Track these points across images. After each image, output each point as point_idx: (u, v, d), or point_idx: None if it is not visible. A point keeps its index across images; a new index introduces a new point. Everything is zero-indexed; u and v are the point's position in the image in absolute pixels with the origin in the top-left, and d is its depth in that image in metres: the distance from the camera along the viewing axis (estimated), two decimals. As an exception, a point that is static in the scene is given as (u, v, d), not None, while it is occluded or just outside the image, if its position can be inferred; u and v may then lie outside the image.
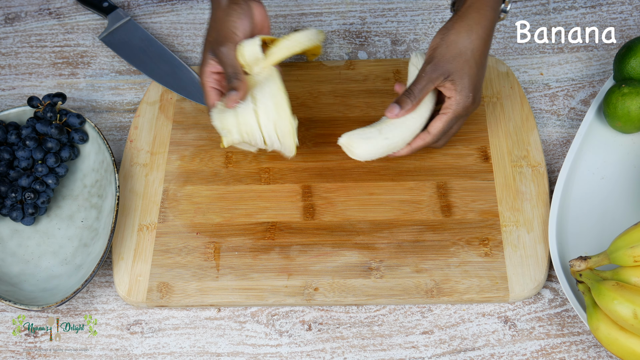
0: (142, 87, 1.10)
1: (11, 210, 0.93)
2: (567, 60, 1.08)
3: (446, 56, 0.88)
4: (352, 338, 0.87)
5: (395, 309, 0.88)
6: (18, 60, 1.15)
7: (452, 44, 0.88)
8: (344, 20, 1.15)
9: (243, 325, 0.88)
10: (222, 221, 0.94)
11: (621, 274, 0.77)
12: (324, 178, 0.96)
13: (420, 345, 0.86)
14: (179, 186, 0.98)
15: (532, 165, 0.95)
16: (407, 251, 0.90)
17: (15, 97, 1.11)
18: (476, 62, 0.88)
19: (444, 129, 0.91)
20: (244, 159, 0.99)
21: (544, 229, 0.90)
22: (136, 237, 0.94)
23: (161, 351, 0.87)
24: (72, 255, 0.93)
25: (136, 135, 1.03)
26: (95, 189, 0.96)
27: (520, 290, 0.87)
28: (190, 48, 1.14)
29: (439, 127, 0.91)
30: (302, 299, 0.88)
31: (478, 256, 0.89)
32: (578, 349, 0.84)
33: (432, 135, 0.91)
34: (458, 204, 0.93)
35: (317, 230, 0.93)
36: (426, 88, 0.88)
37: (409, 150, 0.92)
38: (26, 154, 0.94)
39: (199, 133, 1.02)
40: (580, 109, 1.03)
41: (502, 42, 1.10)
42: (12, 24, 1.19)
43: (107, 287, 0.93)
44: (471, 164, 0.96)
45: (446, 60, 0.87)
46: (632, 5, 1.13)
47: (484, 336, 0.86)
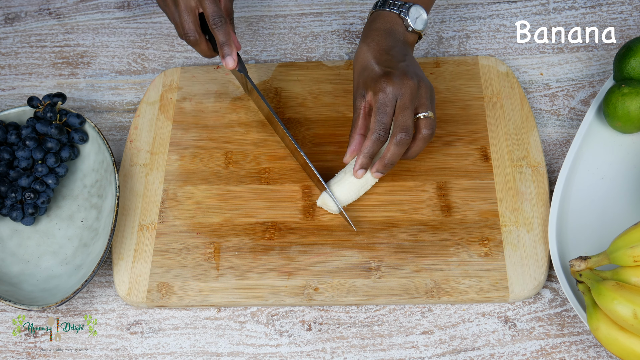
0: (142, 87, 1.10)
1: (11, 210, 0.93)
2: (567, 60, 1.08)
3: (355, 84, 0.92)
4: (352, 338, 0.87)
5: (395, 309, 0.88)
6: (18, 60, 1.15)
7: (354, 72, 0.93)
8: (344, 20, 1.15)
9: (243, 325, 0.88)
10: (222, 221, 0.94)
11: (621, 274, 0.77)
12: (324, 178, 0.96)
13: (420, 345, 0.86)
14: (179, 186, 0.98)
15: (532, 165, 0.95)
16: (407, 251, 0.90)
17: (15, 97, 1.11)
18: (377, 62, 0.89)
19: (378, 119, 0.87)
20: (244, 159, 0.99)
21: (543, 229, 0.90)
22: (136, 237, 0.94)
23: (161, 351, 0.87)
24: (72, 255, 0.93)
25: (136, 135, 1.03)
26: (95, 189, 0.96)
27: (520, 290, 0.87)
28: (190, 48, 1.14)
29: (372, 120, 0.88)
30: (302, 299, 0.88)
31: (478, 256, 0.89)
32: (578, 349, 0.84)
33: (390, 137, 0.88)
34: (458, 204, 0.93)
35: (317, 230, 0.93)
36: (357, 115, 0.89)
37: (381, 166, 0.90)
38: (26, 154, 0.94)
39: (199, 133, 1.02)
40: (580, 109, 1.03)
41: (502, 42, 1.10)
42: (12, 24, 1.19)
43: (107, 287, 0.93)
44: (471, 164, 0.96)
45: (355, 86, 0.91)
46: (632, 5, 1.13)
47: (484, 336, 0.86)
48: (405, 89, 0.87)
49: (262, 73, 1.08)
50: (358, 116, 0.90)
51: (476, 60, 1.06)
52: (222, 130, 1.02)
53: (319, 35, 1.14)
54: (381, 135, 0.87)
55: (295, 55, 1.11)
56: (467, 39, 1.11)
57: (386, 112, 0.87)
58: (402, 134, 0.86)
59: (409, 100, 0.87)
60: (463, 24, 1.13)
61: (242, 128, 1.02)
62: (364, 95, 0.89)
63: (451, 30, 1.12)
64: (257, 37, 1.14)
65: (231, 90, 1.06)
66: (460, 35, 1.11)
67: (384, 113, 0.87)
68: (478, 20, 1.13)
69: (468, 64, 1.06)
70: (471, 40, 1.11)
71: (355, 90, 0.91)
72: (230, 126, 1.03)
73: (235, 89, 1.06)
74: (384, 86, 0.87)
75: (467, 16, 1.14)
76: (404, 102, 0.87)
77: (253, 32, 1.15)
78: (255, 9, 1.18)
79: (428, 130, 0.89)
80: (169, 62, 1.13)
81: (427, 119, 0.88)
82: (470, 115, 1.00)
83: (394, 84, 0.87)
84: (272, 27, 1.15)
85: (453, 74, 1.05)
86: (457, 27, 1.12)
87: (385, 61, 0.89)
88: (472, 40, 1.11)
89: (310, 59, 1.11)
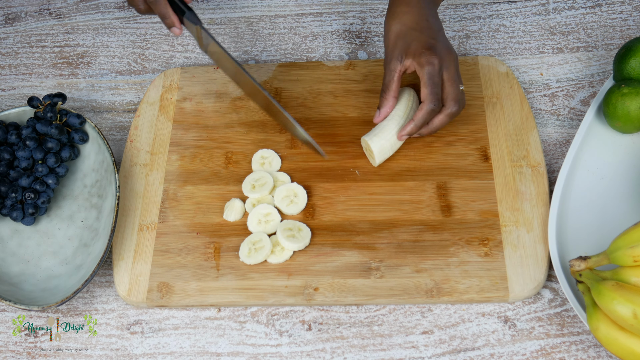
0: (142, 87, 1.10)
1: (11, 210, 0.93)
2: (567, 61, 1.08)
3: (390, 46, 0.93)
4: (352, 338, 0.87)
5: (395, 309, 0.88)
6: (18, 61, 1.15)
7: (390, 33, 0.93)
8: (344, 20, 1.15)
9: (243, 325, 0.88)
10: (222, 221, 0.94)
11: (621, 274, 0.77)
12: (324, 178, 0.96)
13: (420, 345, 0.86)
14: (179, 186, 0.98)
15: (532, 165, 0.95)
16: (407, 251, 0.90)
17: (15, 97, 1.11)
18: (418, 30, 0.92)
19: (433, 90, 0.91)
20: (244, 159, 0.99)
21: (543, 229, 0.90)
22: (136, 237, 0.94)
23: (161, 351, 0.87)
24: (72, 255, 0.93)
25: (136, 135, 1.03)
26: (95, 189, 0.96)
27: (520, 290, 0.87)
28: (190, 48, 1.14)
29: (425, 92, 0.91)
30: (302, 299, 0.88)
31: (478, 256, 0.89)
32: (578, 349, 0.84)
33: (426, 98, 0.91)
34: (458, 204, 0.93)
35: (317, 230, 0.93)
36: (392, 78, 0.92)
37: (427, 131, 0.94)
38: (26, 154, 0.94)
39: (199, 133, 1.03)
40: (580, 109, 1.03)
41: (502, 42, 1.10)
42: (12, 24, 1.19)
43: (107, 287, 0.93)
44: (471, 164, 0.96)
45: (391, 48, 0.93)
46: (632, 5, 1.13)
47: (483, 336, 0.86)
48: (450, 62, 0.92)
49: (262, 73, 1.08)
50: (392, 79, 0.93)
51: (476, 60, 1.06)
52: (222, 130, 1.02)
53: (319, 35, 1.14)
54: (436, 106, 0.91)
55: (295, 55, 1.12)
56: (467, 39, 1.11)
57: (437, 83, 0.90)
58: (454, 107, 0.92)
59: (455, 73, 0.92)
60: (463, 24, 1.13)
61: (242, 128, 1.02)
62: (402, 59, 0.92)
63: (451, 30, 1.12)
64: (257, 37, 1.14)
65: (231, 90, 1.06)
66: (460, 35, 1.11)
67: (435, 84, 0.90)
68: (478, 20, 1.13)
69: (468, 64, 1.06)
70: (471, 40, 1.11)
71: (391, 51, 0.93)
72: (230, 126, 1.03)
73: (236, 89, 1.06)
74: (432, 59, 0.90)
75: (467, 16, 1.14)
76: (451, 74, 0.91)
77: (253, 32, 1.15)
78: (255, 9, 1.18)
79: (457, 105, 0.93)
80: (169, 62, 1.13)
81: (462, 92, 0.93)
82: (470, 115, 1.00)
83: (440, 56, 0.90)
84: (272, 27, 1.15)
85: (453, 74, 1.05)
86: (457, 27, 1.13)
87: (427, 29, 0.92)
88: (472, 40, 1.11)
89: (310, 59, 1.11)
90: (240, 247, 0.91)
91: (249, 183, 0.95)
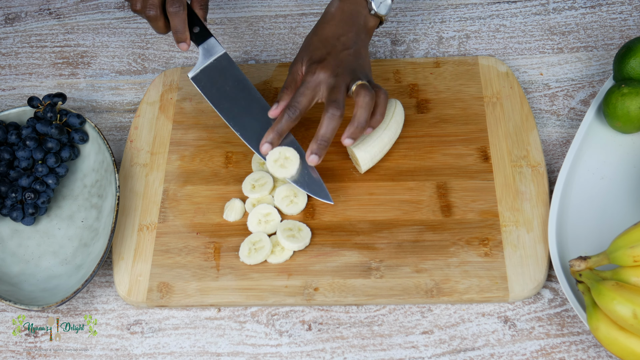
0: (142, 87, 1.10)
1: (11, 210, 0.93)
2: (567, 61, 1.08)
3: (302, 46, 0.95)
4: (352, 338, 0.87)
5: (395, 309, 0.88)
6: (18, 61, 1.15)
7: (308, 35, 0.96)
8: (344, 21, 1.15)
9: (243, 325, 0.88)
10: (222, 221, 0.94)
11: (621, 274, 0.77)
12: (324, 178, 0.96)
13: (420, 345, 0.86)
14: (179, 186, 0.98)
15: (532, 165, 0.95)
16: (407, 251, 0.90)
17: (15, 97, 1.11)
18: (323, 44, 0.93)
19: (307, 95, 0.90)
20: (244, 159, 1.00)
21: (543, 229, 0.90)
22: (136, 237, 0.94)
23: (161, 351, 0.87)
24: (72, 255, 0.93)
25: (136, 135, 1.03)
26: (95, 189, 0.96)
27: (520, 290, 0.87)
28: (190, 48, 1.14)
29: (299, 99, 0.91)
30: (302, 299, 0.88)
31: (478, 256, 0.89)
32: (578, 349, 0.84)
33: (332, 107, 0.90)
34: (458, 204, 0.93)
35: (317, 230, 0.93)
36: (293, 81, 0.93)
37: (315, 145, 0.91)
38: (26, 154, 0.94)
39: (199, 133, 1.03)
40: (580, 109, 1.03)
41: (502, 42, 1.10)
42: (12, 24, 1.19)
43: (107, 287, 0.93)
44: (471, 164, 0.96)
45: (301, 50, 0.95)
46: (632, 5, 1.13)
47: (483, 336, 0.86)
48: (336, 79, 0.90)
49: (262, 73, 1.08)
50: (293, 80, 0.93)
51: (476, 60, 1.06)
52: (222, 130, 1.02)
53: (319, 35, 1.13)
54: (295, 113, 0.91)
55: (295, 55, 1.11)
56: (467, 39, 1.11)
57: (305, 93, 0.90)
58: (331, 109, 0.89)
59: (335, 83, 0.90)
60: (463, 24, 1.13)
61: (242, 128, 1.02)
62: (302, 63, 0.93)
63: (451, 30, 1.12)
64: (257, 37, 1.14)
65: (231, 90, 1.06)
66: (460, 35, 1.11)
67: (301, 94, 0.90)
68: (478, 20, 1.13)
69: (468, 64, 1.06)
70: (471, 40, 1.11)
71: (298, 53, 0.94)
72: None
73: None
74: (316, 70, 0.90)
75: (467, 16, 1.14)
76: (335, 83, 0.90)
77: (253, 32, 1.15)
78: (255, 9, 1.18)
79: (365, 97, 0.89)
80: (169, 62, 1.13)
81: (363, 84, 0.89)
82: (470, 115, 1.01)
83: (326, 71, 0.90)
84: (272, 27, 1.15)
85: (453, 74, 1.05)
86: (457, 27, 1.13)
87: (331, 47, 0.92)
88: (472, 40, 1.11)
89: (310, 59, 1.11)
90: (240, 247, 0.91)
91: (249, 183, 0.95)
